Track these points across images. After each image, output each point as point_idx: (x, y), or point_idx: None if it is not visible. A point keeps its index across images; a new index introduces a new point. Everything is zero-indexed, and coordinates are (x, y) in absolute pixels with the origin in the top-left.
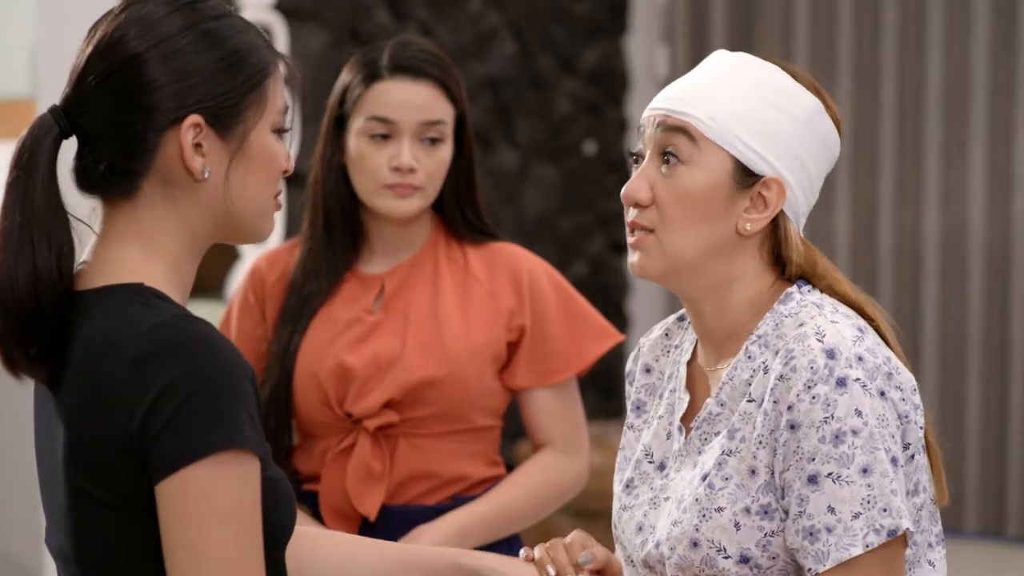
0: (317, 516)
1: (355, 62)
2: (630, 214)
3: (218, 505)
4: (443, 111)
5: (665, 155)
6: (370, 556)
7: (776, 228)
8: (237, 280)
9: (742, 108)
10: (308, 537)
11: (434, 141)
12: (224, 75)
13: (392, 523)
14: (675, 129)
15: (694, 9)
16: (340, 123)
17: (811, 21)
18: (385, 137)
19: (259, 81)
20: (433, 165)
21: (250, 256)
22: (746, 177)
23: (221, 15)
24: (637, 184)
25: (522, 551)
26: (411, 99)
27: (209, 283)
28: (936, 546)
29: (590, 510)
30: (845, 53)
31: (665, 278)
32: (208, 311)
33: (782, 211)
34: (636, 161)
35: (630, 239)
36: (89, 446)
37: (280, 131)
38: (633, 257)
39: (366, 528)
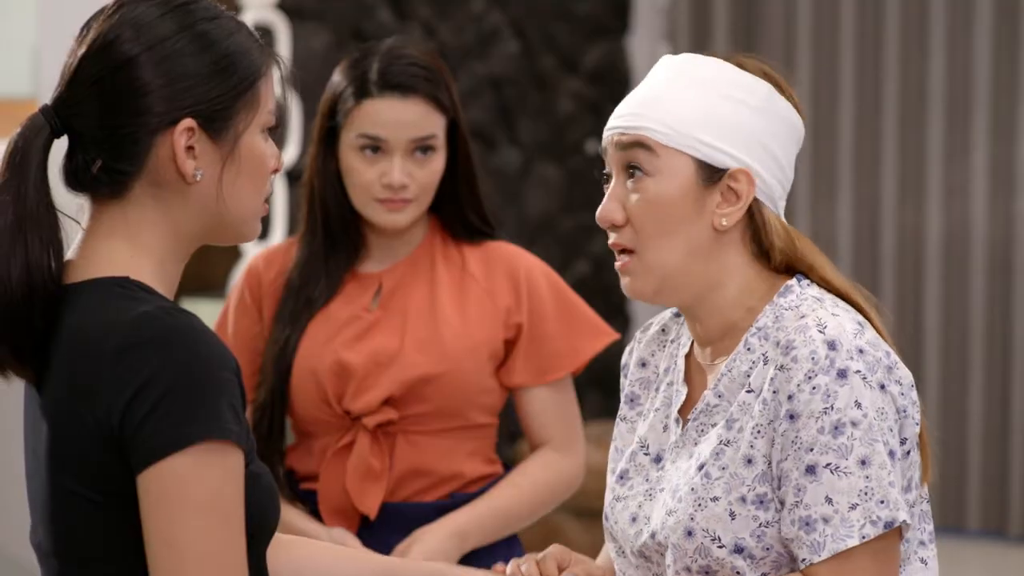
0: (316, 515)
1: (346, 68)
2: (610, 236)
3: (197, 496)
4: (434, 124)
5: (630, 169)
6: (351, 566)
7: (753, 217)
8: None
9: (696, 108)
10: (285, 544)
11: (426, 150)
12: (217, 78)
13: (390, 521)
14: (632, 144)
15: (696, 8)
16: (332, 131)
17: (813, 20)
18: (376, 149)
19: (251, 83)
20: (425, 176)
21: (252, 255)
22: (711, 174)
23: (214, 16)
24: (609, 206)
25: (496, 565)
26: (401, 117)
27: (211, 282)
28: (928, 544)
29: (592, 510)
30: (847, 52)
31: (659, 295)
32: (210, 309)
33: (756, 199)
34: (606, 182)
35: (617, 264)
36: (71, 440)
37: (270, 129)
38: (624, 280)
39: (365, 526)
